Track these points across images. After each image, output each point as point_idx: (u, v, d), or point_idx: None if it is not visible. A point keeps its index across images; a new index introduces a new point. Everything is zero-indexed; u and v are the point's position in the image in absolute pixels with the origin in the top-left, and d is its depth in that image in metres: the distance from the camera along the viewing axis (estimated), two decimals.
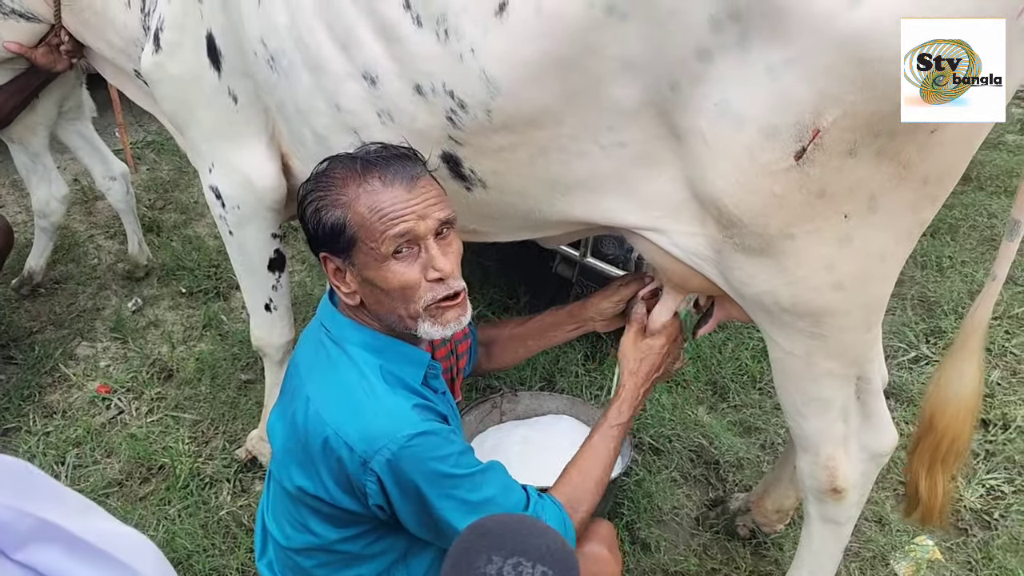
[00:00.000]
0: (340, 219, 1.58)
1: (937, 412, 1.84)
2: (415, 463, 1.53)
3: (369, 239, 1.57)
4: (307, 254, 4.12)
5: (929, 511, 1.94)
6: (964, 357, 1.80)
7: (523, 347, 2.27)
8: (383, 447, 1.53)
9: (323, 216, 1.61)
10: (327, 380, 1.66)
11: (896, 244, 1.55)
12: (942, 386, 1.84)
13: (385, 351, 1.68)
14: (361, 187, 1.58)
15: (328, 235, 1.61)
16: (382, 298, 1.63)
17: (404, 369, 1.69)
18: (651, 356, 1.94)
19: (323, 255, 1.66)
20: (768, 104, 1.38)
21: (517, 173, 1.73)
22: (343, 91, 1.78)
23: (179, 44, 2.13)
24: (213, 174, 2.31)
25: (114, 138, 5.06)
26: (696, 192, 1.58)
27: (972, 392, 1.80)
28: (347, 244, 1.60)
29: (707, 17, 1.36)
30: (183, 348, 3.49)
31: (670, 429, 3.03)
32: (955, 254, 4.03)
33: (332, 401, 1.61)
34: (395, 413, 1.58)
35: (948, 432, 1.83)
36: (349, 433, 1.55)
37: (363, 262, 1.60)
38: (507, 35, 1.51)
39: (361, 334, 1.69)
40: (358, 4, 1.66)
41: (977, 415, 1.87)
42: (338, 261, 1.63)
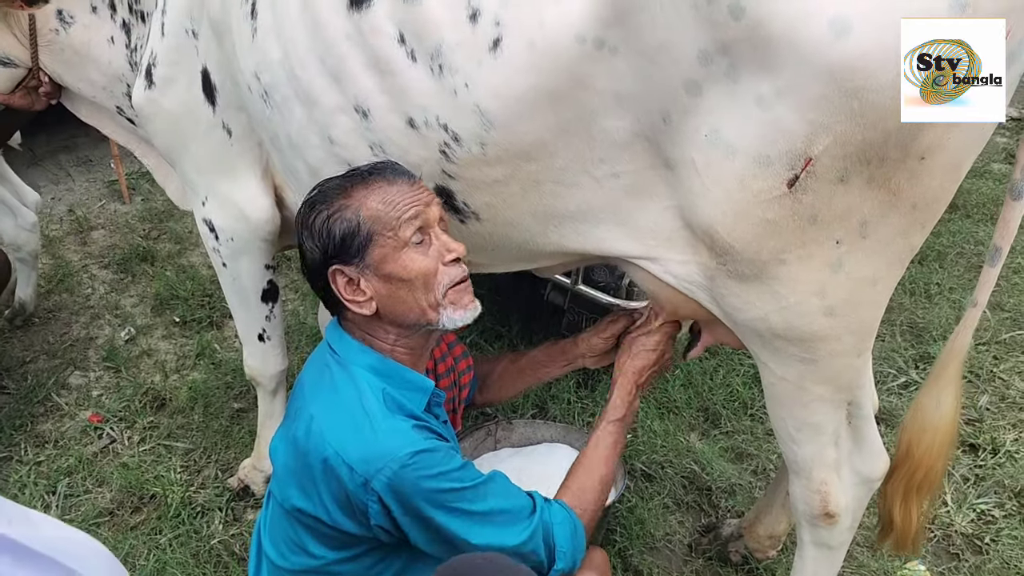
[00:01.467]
0: (352, 221, 1.63)
1: (914, 441, 1.85)
2: (416, 481, 1.54)
3: (386, 229, 1.63)
4: (300, 283, 4.13)
5: (903, 537, 1.95)
6: (943, 385, 1.81)
7: (517, 382, 2.30)
8: (384, 467, 1.54)
9: (333, 225, 1.64)
10: (330, 400, 1.67)
11: (887, 269, 1.58)
12: (919, 414, 1.85)
13: (390, 375, 1.70)
14: (367, 187, 1.65)
15: (340, 242, 1.64)
16: (403, 293, 1.66)
17: (407, 395, 1.71)
18: (643, 352, 1.97)
19: (334, 270, 1.66)
20: (759, 134, 1.40)
21: (510, 205, 1.75)
22: (335, 124, 1.80)
23: (173, 79, 2.16)
24: (207, 207, 2.33)
25: (109, 169, 5.10)
26: (689, 221, 1.60)
27: (949, 421, 1.82)
28: (363, 243, 1.63)
29: (696, 51, 1.39)
30: (176, 377, 3.49)
31: (662, 455, 3.04)
32: (943, 281, 4.07)
33: (334, 421, 1.62)
34: (395, 433, 1.59)
35: (924, 461, 1.85)
36: (350, 453, 1.57)
37: (380, 257, 1.64)
38: (501, 70, 1.54)
39: (368, 357, 1.71)
40: (351, 38, 1.69)
41: (954, 444, 1.88)
42: (351, 270, 1.65)
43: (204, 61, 2.09)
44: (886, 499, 1.97)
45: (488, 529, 1.60)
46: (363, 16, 1.66)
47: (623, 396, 1.93)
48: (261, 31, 1.85)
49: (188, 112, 2.17)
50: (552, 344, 2.25)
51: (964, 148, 1.43)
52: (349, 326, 1.75)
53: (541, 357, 2.25)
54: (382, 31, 1.64)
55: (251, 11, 1.86)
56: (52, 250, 4.37)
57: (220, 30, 1.99)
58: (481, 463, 2.64)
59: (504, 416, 2.99)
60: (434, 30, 1.59)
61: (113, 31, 2.45)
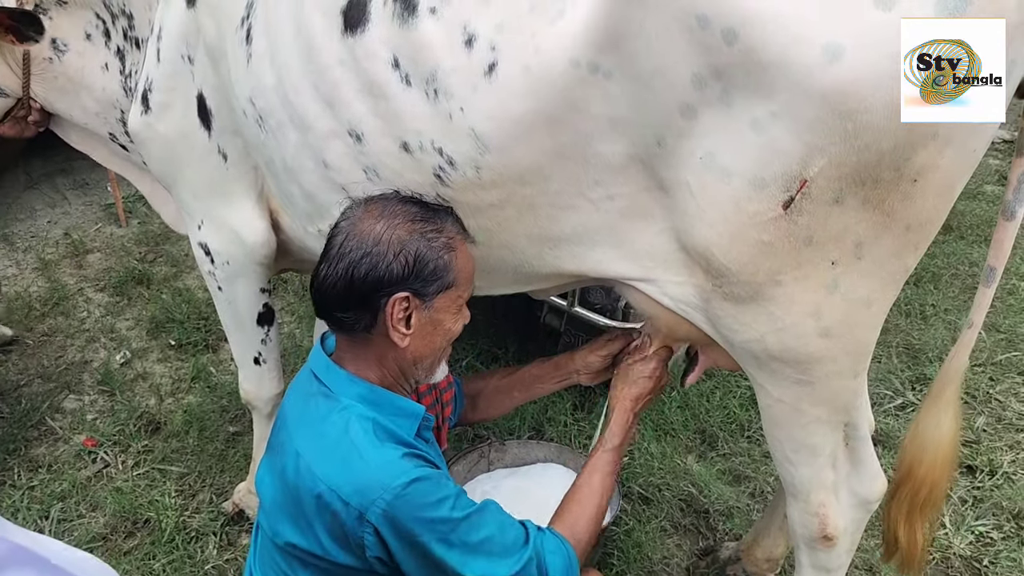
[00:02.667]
0: (450, 262, 1.64)
1: (915, 461, 1.85)
2: (411, 511, 1.53)
3: (461, 285, 1.68)
4: (297, 306, 4.13)
5: (909, 558, 1.95)
6: (942, 406, 1.81)
7: (509, 399, 2.29)
8: (377, 498, 1.52)
9: (431, 255, 1.62)
10: (317, 433, 1.65)
11: (882, 290, 1.58)
12: (920, 434, 1.85)
13: (381, 404, 1.68)
14: (457, 235, 1.68)
15: (428, 274, 1.62)
16: (436, 342, 1.70)
17: (399, 422, 1.69)
18: (640, 380, 1.97)
19: (405, 295, 1.62)
20: (754, 156, 1.41)
21: (506, 229, 1.76)
22: (329, 148, 1.80)
23: (169, 105, 2.17)
24: (202, 231, 2.33)
25: (106, 192, 5.11)
26: (684, 243, 1.61)
27: (949, 441, 1.82)
28: (443, 286, 1.64)
29: (690, 75, 1.40)
30: (171, 400, 3.48)
31: (659, 478, 3.03)
32: (938, 302, 4.08)
33: (323, 455, 1.60)
34: (386, 464, 1.57)
35: (926, 480, 1.84)
36: (342, 487, 1.55)
37: (443, 305, 1.66)
38: (496, 94, 1.55)
39: (358, 387, 1.69)
40: (344, 63, 1.70)
41: (955, 463, 1.89)
42: (417, 302, 1.64)
43: (200, 86, 2.10)
44: (890, 519, 1.96)
45: (481, 560, 1.58)
46: (357, 41, 1.67)
47: (620, 424, 1.93)
48: (256, 57, 1.86)
49: (184, 137, 2.18)
50: (545, 360, 2.25)
51: (956, 170, 1.44)
52: (341, 355, 1.74)
53: (535, 372, 2.24)
54: (376, 56, 1.65)
55: (246, 37, 1.88)
56: (48, 273, 4.38)
57: (216, 56, 2.00)
58: (475, 484, 2.63)
59: (497, 438, 2.98)
60: (430, 55, 1.59)
61: (107, 58, 2.47)
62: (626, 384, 1.97)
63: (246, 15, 1.87)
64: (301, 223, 2.11)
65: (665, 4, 1.37)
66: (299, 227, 2.14)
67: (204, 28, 2.00)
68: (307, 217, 2.04)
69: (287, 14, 1.78)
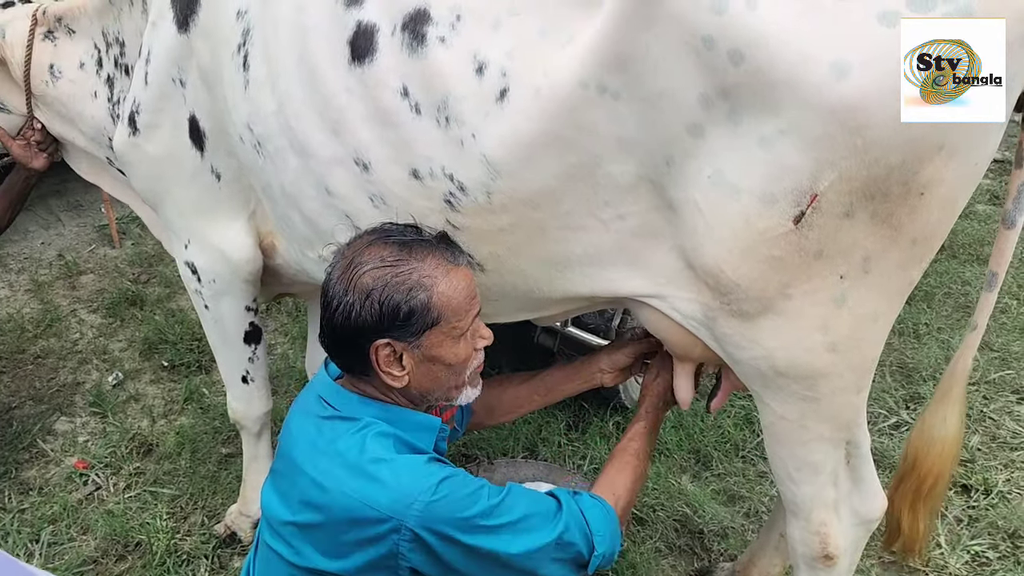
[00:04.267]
0: (425, 301, 1.59)
1: (921, 453, 1.88)
2: (447, 512, 1.55)
3: (454, 318, 1.63)
4: (289, 327, 4.13)
5: (911, 543, 1.98)
6: (948, 404, 1.85)
7: (528, 402, 2.29)
8: (412, 504, 1.53)
9: (400, 299, 1.58)
10: (336, 454, 1.63)
11: (887, 304, 1.60)
12: (926, 429, 1.88)
13: (398, 421, 1.69)
14: (437, 267, 1.62)
15: (404, 319, 1.59)
16: (440, 375, 1.68)
17: (417, 435, 1.71)
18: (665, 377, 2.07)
19: (382, 343, 1.61)
20: (763, 173, 1.43)
21: (516, 253, 1.76)
22: (332, 175, 1.80)
23: (157, 126, 2.17)
24: (189, 250, 2.34)
25: (100, 213, 5.11)
26: (692, 261, 1.62)
27: (955, 435, 1.86)
28: (426, 325, 1.61)
29: (697, 95, 1.42)
30: (163, 422, 3.46)
31: (654, 499, 3.02)
32: (931, 321, 4.09)
33: (349, 476, 1.59)
34: (413, 470, 1.59)
35: (932, 471, 1.88)
36: (377, 501, 1.55)
37: (434, 342, 1.63)
38: (508, 119, 1.56)
39: (372, 408, 1.70)
40: (351, 91, 1.71)
41: (958, 457, 1.93)
42: (401, 345, 1.62)
43: (192, 109, 2.10)
44: (894, 507, 1.98)
45: (524, 536, 1.61)
46: (366, 70, 1.68)
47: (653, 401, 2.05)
48: (254, 83, 1.86)
49: (172, 157, 2.19)
50: (564, 365, 2.27)
51: (961, 183, 1.46)
52: (349, 381, 1.75)
53: (557, 375, 2.25)
54: (386, 85, 1.66)
55: (243, 63, 1.88)
56: (41, 295, 4.36)
57: (210, 80, 2.01)
58: None
59: (486, 456, 2.97)
60: (440, 84, 1.61)
61: (97, 86, 2.49)
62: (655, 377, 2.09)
63: (242, 41, 1.88)
64: (299, 247, 2.11)
65: (671, 26, 1.39)
66: (296, 251, 2.14)
67: (198, 52, 2.01)
68: (307, 242, 2.04)
69: (288, 42, 1.78)
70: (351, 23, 1.69)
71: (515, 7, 1.56)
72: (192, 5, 1.99)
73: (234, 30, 1.90)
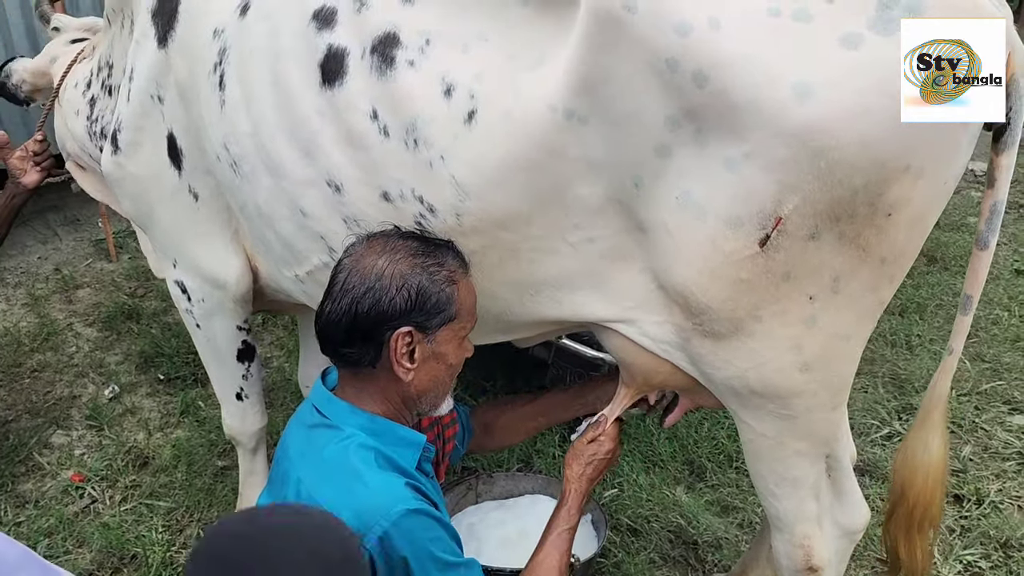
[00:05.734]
0: (452, 294, 1.67)
1: (907, 482, 1.87)
2: (407, 539, 1.55)
3: (463, 318, 1.71)
4: (286, 340, 4.14)
5: (911, 571, 1.96)
6: (928, 429, 1.83)
7: (532, 424, 2.32)
8: (376, 523, 1.54)
9: (433, 288, 1.65)
10: (318, 461, 1.66)
11: (859, 324, 1.61)
12: (909, 457, 1.87)
13: (382, 433, 1.71)
14: (460, 268, 1.70)
15: (431, 307, 1.65)
16: (441, 374, 1.73)
17: (400, 452, 1.71)
18: (595, 462, 1.99)
19: (405, 330, 1.64)
20: (729, 195, 1.44)
21: (487, 276, 1.77)
22: (306, 197, 1.82)
23: (139, 144, 2.19)
24: (177, 269, 2.35)
25: (97, 227, 5.12)
26: (663, 282, 1.63)
27: (939, 461, 1.84)
28: (445, 319, 1.67)
29: (663, 117, 1.44)
30: (160, 435, 3.47)
31: (648, 509, 3.03)
32: (923, 332, 4.11)
33: (324, 482, 1.62)
34: (387, 490, 1.60)
35: (920, 501, 1.86)
36: (342, 511, 1.53)
37: (445, 338, 1.69)
38: (476, 141, 1.58)
39: (359, 418, 1.71)
40: (323, 114, 1.73)
41: (946, 482, 1.91)
42: (419, 336, 1.66)
43: (170, 126, 2.12)
44: (889, 537, 1.97)
45: None
46: (336, 92, 1.70)
47: (576, 505, 1.95)
48: (230, 103, 1.88)
49: (154, 176, 2.20)
50: (562, 390, 2.30)
51: (929, 203, 1.48)
52: (343, 389, 1.76)
53: (559, 399, 2.27)
54: (355, 108, 1.68)
55: (219, 82, 1.90)
56: (37, 309, 4.37)
57: (187, 97, 2.03)
58: (463, 517, 2.63)
59: (484, 470, 2.98)
60: (409, 106, 1.63)
61: (80, 104, 2.56)
62: (582, 464, 1.99)
63: (219, 60, 1.90)
64: (276, 266, 2.12)
65: (636, 49, 1.41)
66: (274, 270, 2.15)
67: (175, 68, 2.02)
68: (283, 262, 2.06)
69: (263, 64, 1.81)
70: (322, 46, 1.71)
71: (484, 31, 1.59)
72: (171, 20, 2.01)
73: (211, 48, 1.92)
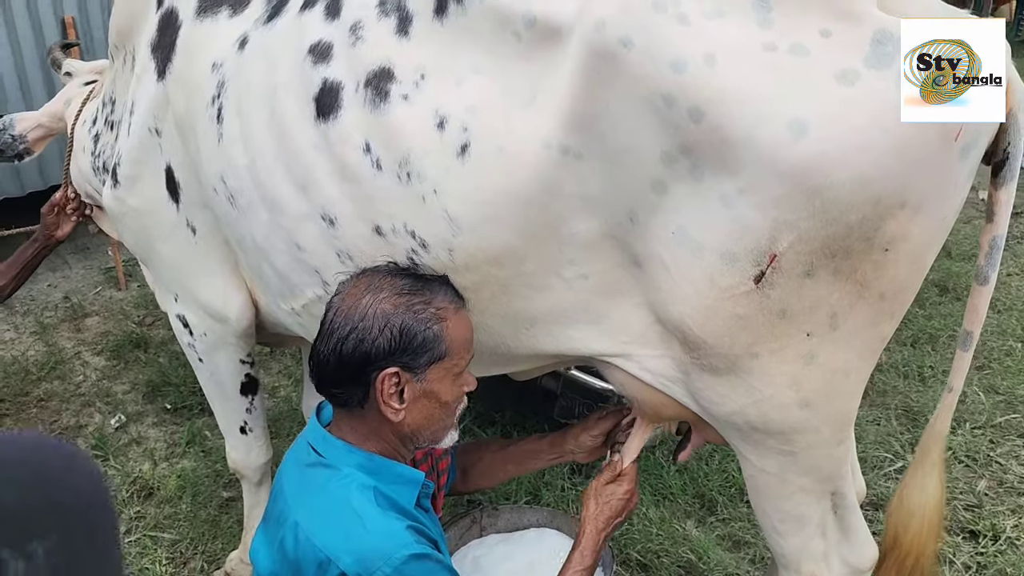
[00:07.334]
0: (439, 334, 1.62)
1: (900, 528, 1.83)
2: None
3: (457, 355, 1.65)
4: (294, 370, 4.13)
5: None
6: (926, 469, 1.79)
7: (502, 471, 2.27)
8: (378, 569, 1.51)
9: (418, 327, 1.61)
10: (317, 504, 1.64)
11: (859, 359, 1.58)
12: (905, 500, 1.82)
13: (380, 472, 1.68)
14: (452, 304, 1.66)
15: (417, 347, 1.61)
16: (435, 412, 1.67)
17: (398, 490, 1.69)
18: (613, 502, 1.93)
19: (391, 371, 1.60)
20: (724, 231, 1.43)
21: (481, 311, 1.75)
22: (302, 231, 1.82)
23: (138, 178, 2.20)
24: (179, 303, 2.35)
25: (107, 256, 5.15)
26: (660, 316, 1.61)
27: (935, 505, 1.79)
28: (434, 358, 1.62)
29: (659, 152, 1.43)
30: (165, 465, 3.45)
31: (657, 544, 2.98)
32: (936, 364, 4.07)
33: (324, 525, 1.59)
34: (390, 534, 1.57)
35: (913, 548, 1.82)
36: (343, 556, 1.53)
37: (436, 376, 1.64)
38: (469, 175, 1.57)
39: (356, 456, 1.68)
40: (318, 148, 1.73)
41: (941, 529, 1.85)
42: (407, 376, 1.62)
43: (168, 159, 2.13)
44: None
45: None
46: (330, 126, 1.70)
47: (592, 546, 1.87)
48: (227, 137, 1.89)
49: (153, 210, 2.21)
50: (541, 437, 2.23)
51: (928, 238, 1.46)
52: (338, 426, 1.74)
53: (529, 448, 2.22)
54: (348, 141, 1.68)
55: (217, 115, 1.91)
56: (46, 337, 4.39)
57: (185, 130, 2.04)
58: (466, 550, 2.59)
59: (490, 503, 2.94)
60: (402, 140, 1.62)
61: (86, 141, 2.58)
62: (599, 504, 1.92)
63: (217, 94, 1.91)
64: (273, 300, 2.11)
65: (631, 85, 1.40)
66: (271, 303, 2.15)
67: (174, 101, 2.04)
68: (280, 295, 2.05)
69: (260, 98, 1.82)
70: (317, 80, 1.72)
71: (478, 66, 1.58)
72: (169, 54, 2.03)
73: (209, 81, 1.93)
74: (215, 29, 1.99)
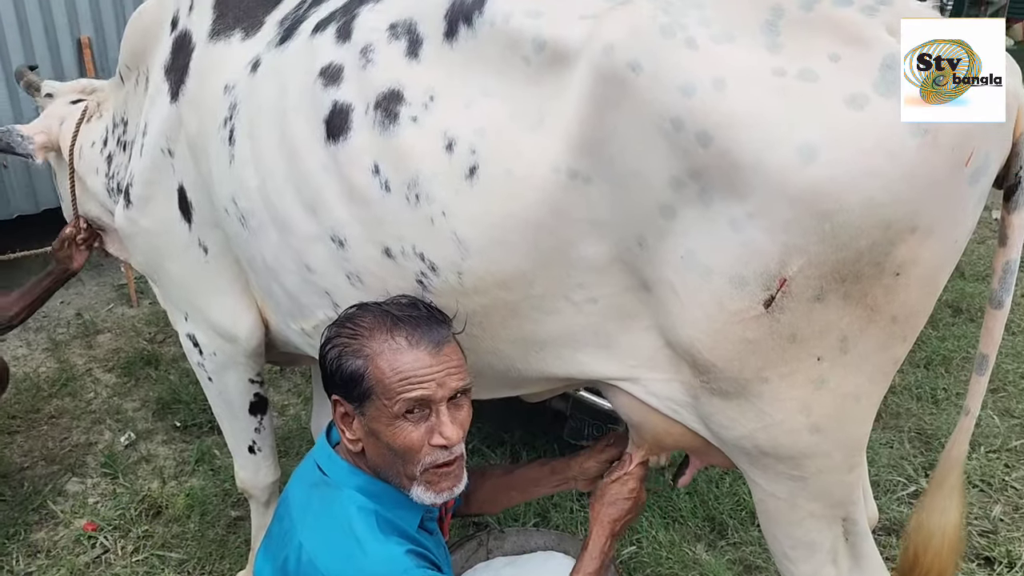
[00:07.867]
0: (360, 369, 1.58)
1: (920, 548, 1.80)
2: None
3: (384, 396, 1.57)
4: (303, 387, 4.13)
5: None
6: (946, 493, 1.77)
7: (505, 497, 2.26)
8: None
9: (343, 362, 1.61)
10: (320, 525, 1.63)
11: (871, 384, 1.57)
12: (925, 522, 1.80)
13: (382, 496, 1.67)
14: (386, 343, 1.59)
15: (344, 381, 1.61)
16: (384, 453, 1.63)
17: (401, 514, 1.68)
18: (619, 501, 1.90)
19: (335, 398, 1.65)
20: (734, 255, 1.42)
21: (491, 335, 1.75)
22: (312, 252, 1.82)
23: (150, 198, 2.21)
24: (189, 322, 2.36)
25: (120, 272, 5.18)
26: (669, 340, 1.60)
27: (955, 527, 1.77)
28: (362, 395, 1.60)
29: (668, 176, 1.42)
30: (174, 483, 3.45)
31: (667, 568, 2.95)
32: (950, 386, 4.03)
33: (325, 548, 1.59)
34: (389, 559, 1.56)
35: (933, 567, 1.79)
36: None
37: (373, 415, 1.60)
38: (478, 198, 1.57)
39: (358, 478, 1.68)
40: (327, 169, 1.73)
41: (961, 551, 1.83)
42: (349, 407, 1.63)
43: (180, 179, 2.14)
44: None
45: None
46: (340, 148, 1.71)
47: (599, 547, 1.84)
48: (239, 158, 1.90)
49: (165, 230, 2.22)
50: (544, 463, 2.21)
51: (939, 261, 1.45)
52: (340, 448, 1.74)
53: (532, 475, 2.20)
54: (358, 163, 1.69)
55: (228, 137, 1.92)
56: (57, 354, 4.40)
57: (197, 151, 2.05)
58: (473, 574, 2.57)
59: (496, 525, 2.92)
60: (411, 161, 1.62)
61: (99, 163, 2.59)
62: (604, 505, 1.89)
63: (229, 115, 1.92)
64: (284, 320, 2.12)
65: (640, 109, 1.40)
66: (282, 323, 2.15)
67: (186, 122, 2.05)
68: (290, 316, 2.05)
69: (271, 120, 1.83)
70: (328, 102, 1.73)
71: (488, 89, 1.58)
72: (183, 76, 2.05)
73: (221, 103, 1.95)
74: (228, 52, 2.00)
